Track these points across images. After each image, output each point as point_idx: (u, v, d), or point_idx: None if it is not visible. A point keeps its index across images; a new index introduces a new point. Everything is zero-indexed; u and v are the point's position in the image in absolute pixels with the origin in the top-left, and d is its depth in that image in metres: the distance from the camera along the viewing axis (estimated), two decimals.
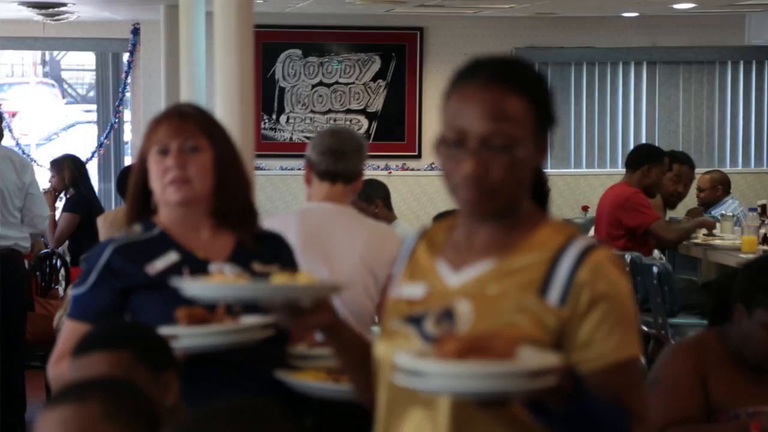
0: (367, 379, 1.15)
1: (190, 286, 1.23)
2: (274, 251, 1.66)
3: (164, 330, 1.42)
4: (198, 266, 1.56)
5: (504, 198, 1.00)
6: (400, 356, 0.89)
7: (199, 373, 1.51)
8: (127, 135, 7.05)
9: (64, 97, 11.80)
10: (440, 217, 2.33)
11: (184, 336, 1.45)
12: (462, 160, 0.96)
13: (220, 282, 1.34)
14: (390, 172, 6.45)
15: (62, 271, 4.45)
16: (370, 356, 1.15)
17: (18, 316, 3.43)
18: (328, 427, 1.91)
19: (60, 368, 1.51)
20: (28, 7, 5.12)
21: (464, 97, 0.99)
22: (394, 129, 6.65)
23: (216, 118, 1.82)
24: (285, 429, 0.88)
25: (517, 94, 0.99)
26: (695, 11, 5.96)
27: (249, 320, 1.53)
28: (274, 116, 6.38)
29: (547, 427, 0.93)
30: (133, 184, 1.71)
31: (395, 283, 1.16)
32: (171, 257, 1.59)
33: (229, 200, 1.67)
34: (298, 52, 6.49)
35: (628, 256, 3.94)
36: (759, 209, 4.82)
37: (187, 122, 1.64)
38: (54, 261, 4.40)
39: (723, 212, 4.93)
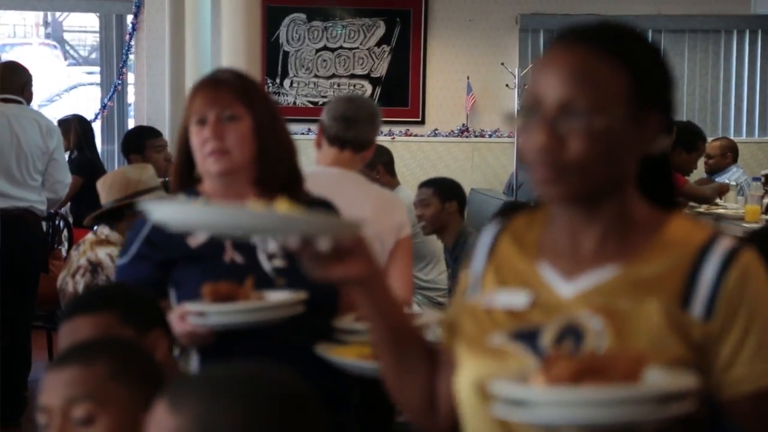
0: (404, 375, 1.04)
1: (159, 209, 0.98)
2: None
3: (190, 307, 1.43)
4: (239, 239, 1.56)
5: (587, 178, 0.85)
6: (499, 382, 0.78)
7: (232, 347, 1.50)
8: (131, 97, 7.03)
9: (66, 58, 11.83)
10: (511, 209, 2.41)
11: (210, 314, 1.44)
12: (534, 132, 0.84)
13: (203, 207, 1.11)
14: (393, 138, 6.31)
15: (65, 232, 4.53)
16: (413, 345, 1.04)
17: (31, 277, 3.48)
18: (370, 408, 1.83)
19: None
20: None
21: (546, 61, 0.88)
22: (398, 94, 6.55)
23: (255, 83, 1.77)
24: (297, 401, 0.86)
25: (609, 57, 0.85)
26: None
27: (276, 296, 1.51)
28: (277, 80, 6.38)
29: None
30: (177, 154, 1.69)
31: (475, 284, 1.00)
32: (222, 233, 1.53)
33: (272, 167, 1.64)
34: (303, 16, 6.41)
35: None
36: (763, 178, 4.83)
37: (223, 90, 1.62)
38: (57, 222, 4.48)
39: (727, 180, 4.92)
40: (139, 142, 4.18)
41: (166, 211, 0.96)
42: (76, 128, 5.22)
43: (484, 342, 0.91)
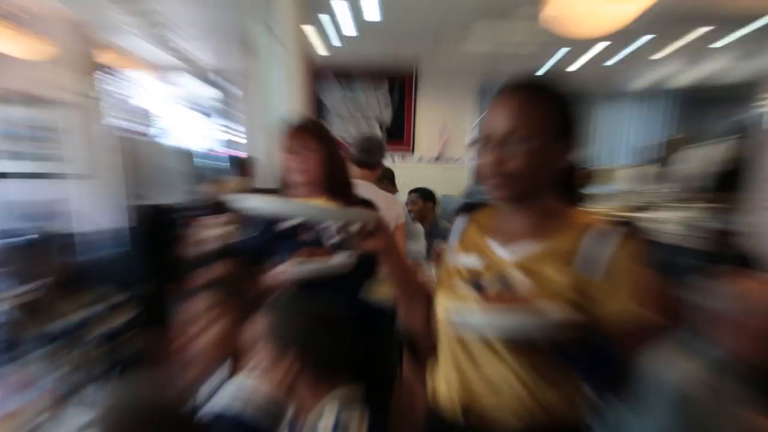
0: (411, 307, 1.24)
1: (255, 201, 1.20)
2: None
3: (287, 264, 1.77)
4: (310, 224, 1.83)
5: (521, 184, 1.05)
6: (459, 308, 1.02)
7: (310, 290, 1.71)
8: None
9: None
10: (465, 207, 2.61)
11: (299, 267, 1.75)
12: (487, 154, 1.03)
13: (284, 201, 1.36)
14: (394, 161, 7.20)
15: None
16: (417, 289, 1.25)
17: None
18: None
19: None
20: None
21: (494, 106, 1.06)
22: (397, 133, 7.32)
23: (324, 126, 1.96)
24: (336, 322, 1.20)
25: (535, 103, 1.04)
26: None
27: (336, 259, 1.76)
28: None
29: (565, 364, 1.05)
30: (282, 171, 1.90)
31: (451, 252, 1.22)
32: (297, 219, 1.80)
33: (334, 180, 1.87)
34: (335, 80, 7.22)
35: None
36: None
37: (306, 132, 1.86)
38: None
39: None
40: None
41: (266, 205, 1.23)
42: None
43: (452, 286, 1.14)
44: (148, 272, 3.37)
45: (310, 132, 1.88)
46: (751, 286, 1.49)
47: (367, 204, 1.88)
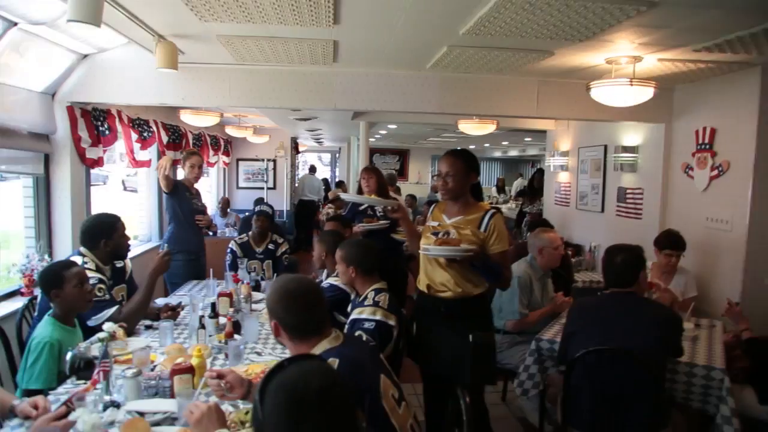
0: (413, 242, 3.00)
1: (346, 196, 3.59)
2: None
3: (360, 225, 4.62)
4: (371, 207, 4.67)
5: (455, 193, 2.76)
6: (427, 245, 2.71)
7: (368, 236, 4.32)
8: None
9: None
10: (431, 202, 6.28)
11: (365, 226, 4.60)
12: (440, 181, 2.76)
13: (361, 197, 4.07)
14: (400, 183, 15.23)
15: None
16: (415, 234, 3.04)
17: None
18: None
19: None
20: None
21: (442, 161, 2.84)
22: (402, 172, 18.26)
23: (378, 169, 4.97)
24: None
25: (457, 159, 2.80)
26: None
27: (381, 222, 4.47)
28: None
29: (476, 270, 2.70)
30: (362, 186, 4.61)
31: (427, 220, 2.95)
32: (364, 204, 4.72)
33: (381, 190, 4.61)
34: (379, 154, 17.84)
35: None
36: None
37: (370, 171, 4.82)
38: None
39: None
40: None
41: (351, 197, 4.42)
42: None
43: (426, 235, 2.86)
44: (301, 227, 10.97)
45: (372, 171, 4.55)
46: (547, 235, 3.97)
47: (394, 199, 3.94)
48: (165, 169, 4.84)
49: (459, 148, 2.95)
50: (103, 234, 3.40)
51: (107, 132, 5.06)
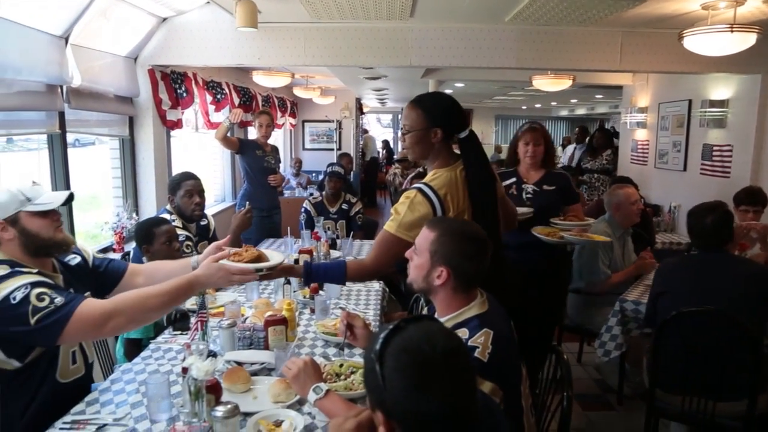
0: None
1: None
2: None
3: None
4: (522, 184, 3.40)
5: (417, 155, 2.16)
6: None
7: None
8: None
9: None
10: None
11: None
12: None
13: None
14: None
15: None
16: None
17: None
18: None
19: None
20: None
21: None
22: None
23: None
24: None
25: (414, 108, 2.09)
26: None
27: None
28: None
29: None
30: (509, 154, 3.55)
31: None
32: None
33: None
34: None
35: None
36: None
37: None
38: None
39: None
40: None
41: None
42: None
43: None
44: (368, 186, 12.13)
45: (541, 132, 3.46)
46: (623, 190, 3.89)
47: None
48: (222, 134, 5.18)
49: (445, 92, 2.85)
50: (169, 190, 3.65)
51: (185, 94, 5.20)
